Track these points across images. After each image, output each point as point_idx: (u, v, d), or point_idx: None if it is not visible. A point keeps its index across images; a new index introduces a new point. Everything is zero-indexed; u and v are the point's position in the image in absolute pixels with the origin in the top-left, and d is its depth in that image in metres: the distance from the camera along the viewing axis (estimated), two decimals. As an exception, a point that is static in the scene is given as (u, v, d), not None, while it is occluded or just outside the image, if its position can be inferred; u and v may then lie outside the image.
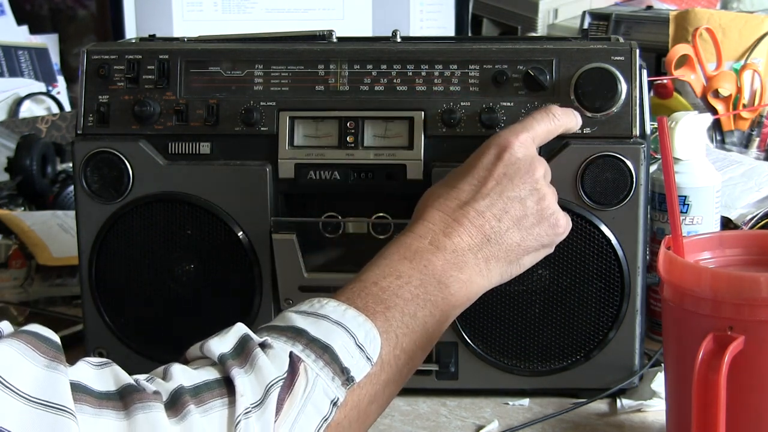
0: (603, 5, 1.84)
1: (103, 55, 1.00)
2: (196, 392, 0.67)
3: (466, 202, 0.85)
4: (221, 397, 0.67)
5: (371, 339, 0.75)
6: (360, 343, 0.74)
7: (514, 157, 0.86)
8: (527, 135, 0.88)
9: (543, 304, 0.97)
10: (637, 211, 0.95)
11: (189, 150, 0.99)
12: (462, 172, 0.87)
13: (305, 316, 0.75)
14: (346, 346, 0.73)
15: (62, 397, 0.60)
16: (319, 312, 0.75)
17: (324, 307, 0.76)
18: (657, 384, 0.97)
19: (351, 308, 0.76)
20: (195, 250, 1.00)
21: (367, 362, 0.74)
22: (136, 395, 0.64)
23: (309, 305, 0.77)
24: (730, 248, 0.86)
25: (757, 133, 1.42)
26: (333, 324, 0.74)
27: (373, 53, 0.98)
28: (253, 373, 0.69)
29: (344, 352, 0.73)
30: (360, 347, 0.74)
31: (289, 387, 0.69)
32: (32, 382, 0.60)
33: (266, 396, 0.68)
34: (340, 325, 0.74)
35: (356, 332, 0.74)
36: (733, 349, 0.74)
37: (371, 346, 0.75)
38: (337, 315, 0.75)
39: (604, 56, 0.95)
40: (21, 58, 2.19)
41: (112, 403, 0.63)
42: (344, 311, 0.76)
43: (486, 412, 0.97)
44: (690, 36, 1.44)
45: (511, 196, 0.85)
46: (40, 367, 0.61)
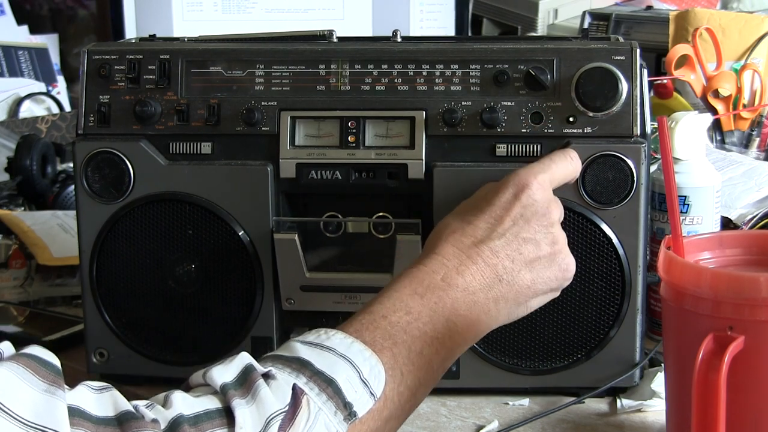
0: (603, 5, 1.84)
1: (104, 55, 1.00)
2: (196, 421, 0.66)
3: (481, 240, 0.84)
4: (221, 428, 0.67)
5: (376, 374, 0.74)
6: (365, 378, 0.74)
7: (531, 199, 0.86)
8: (545, 176, 0.87)
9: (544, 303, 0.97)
10: (638, 210, 0.95)
11: (190, 150, 0.99)
12: (478, 207, 0.86)
13: (311, 347, 0.75)
14: (351, 380, 0.73)
15: (59, 423, 0.60)
16: (325, 344, 0.75)
17: (330, 339, 0.75)
18: (657, 384, 0.97)
19: (357, 342, 0.75)
20: (196, 250, 1.00)
21: (371, 398, 0.74)
22: (134, 423, 0.64)
23: (316, 336, 0.76)
24: (730, 248, 0.86)
25: (757, 133, 1.42)
26: (338, 357, 0.74)
27: (374, 53, 0.99)
28: (255, 404, 0.68)
29: (348, 387, 0.72)
30: (364, 382, 0.73)
31: (290, 420, 0.69)
32: (30, 407, 0.60)
33: (266, 428, 0.67)
34: (346, 358, 0.74)
35: (361, 367, 0.74)
36: (733, 349, 0.74)
37: (376, 381, 0.74)
38: (343, 348, 0.75)
39: (604, 56, 0.96)
40: (21, 58, 2.19)
41: (110, 429, 0.63)
42: (350, 344, 0.75)
43: (486, 412, 0.97)
44: (690, 36, 1.44)
45: (526, 237, 0.85)
46: (38, 392, 0.61)
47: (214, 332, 1.01)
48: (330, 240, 1.01)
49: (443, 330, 0.80)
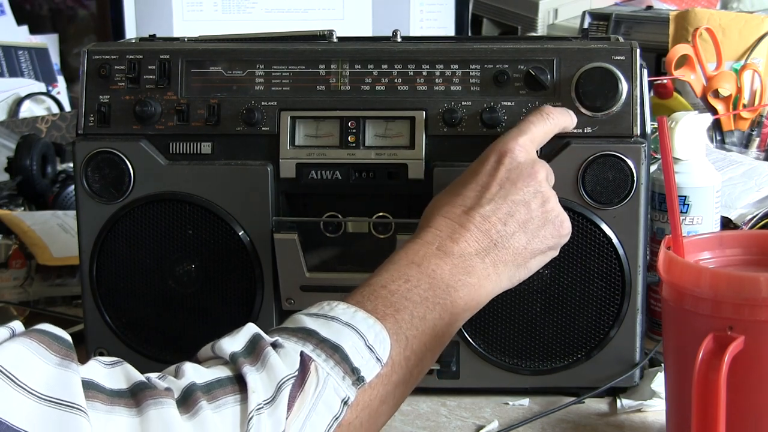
0: (603, 5, 1.84)
1: (104, 55, 1.00)
2: (208, 389, 0.67)
3: (471, 208, 0.85)
4: (233, 394, 0.67)
5: (381, 340, 0.75)
6: (370, 344, 0.74)
7: (515, 162, 0.86)
8: (526, 138, 0.88)
9: (544, 303, 0.97)
10: (638, 210, 0.95)
11: (190, 150, 0.99)
12: (465, 180, 0.87)
13: (315, 317, 0.76)
14: (356, 346, 0.74)
15: (74, 394, 0.60)
16: (329, 314, 0.76)
17: (334, 309, 0.76)
18: (657, 384, 0.97)
19: (361, 310, 0.76)
20: (196, 250, 1.00)
21: (378, 363, 0.74)
22: (148, 392, 0.64)
23: (319, 308, 0.77)
24: (730, 248, 0.86)
25: (757, 133, 1.42)
26: (343, 325, 0.75)
27: (374, 53, 0.99)
28: (265, 371, 0.69)
29: (354, 353, 0.73)
30: (370, 348, 0.74)
31: (300, 385, 0.70)
32: (44, 380, 0.60)
33: (278, 393, 0.68)
34: (350, 326, 0.75)
35: (366, 333, 0.75)
36: (733, 349, 0.74)
37: (381, 347, 0.75)
38: (347, 317, 0.76)
39: (605, 56, 0.96)
40: (21, 58, 2.19)
41: (124, 400, 0.63)
42: (354, 313, 0.76)
43: (486, 412, 0.97)
44: (690, 36, 1.44)
45: (515, 199, 0.85)
46: (51, 365, 0.61)
47: (214, 332, 1.00)
48: (330, 240, 1.01)
49: (444, 295, 0.81)
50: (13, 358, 0.59)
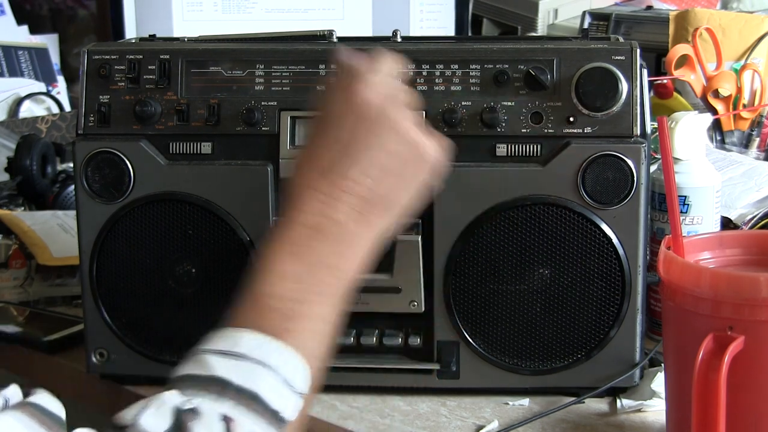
0: (603, 5, 1.84)
1: (104, 55, 1.00)
2: None
3: (331, 170, 0.79)
4: None
5: (298, 373, 0.73)
6: (288, 381, 0.72)
7: (362, 105, 0.80)
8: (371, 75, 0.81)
9: (544, 303, 0.97)
10: (638, 210, 0.95)
11: (190, 150, 0.99)
12: (316, 135, 0.82)
13: (223, 357, 0.72)
14: (273, 388, 0.71)
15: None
16: (237, 351, 0.72)
17: (239, 343, 0.72)
18: (657, 384, 0.97)
19: (269, 339, 0.73)
20: (196, 250, 1.00)
21: (298, 397, 0.72)
22: None
23: (224, 341, 0.73)
24: (730, 248, 0.87)
25: (757, 133, 1.42)
26: (255, 365, 0.71)
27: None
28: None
29: (273, 396, 0.70)
30: (288, 385, 0.72)
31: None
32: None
33: None
34: (263, 364, 0.71)
35: (282, 370, 0.72)
36: (733, 349, 0.74)
37: (300, 380, 0.73)
38: (257, 353, 0.72)
39: (604, 56, 0.96)
40: (21, 58, 2.19)
41: None
42: (262, 346, 0.72)
43: (486, 412, 0.97)
44: (690, 36, 1.44)
45: (370, 145, 0.79)
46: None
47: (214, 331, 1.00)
48: (330, 240, 1.01)
49: (330, 280, 0.77)
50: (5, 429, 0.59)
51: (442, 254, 0.97)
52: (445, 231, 0.97)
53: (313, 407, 0.77)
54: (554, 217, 0.96)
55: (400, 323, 1.01)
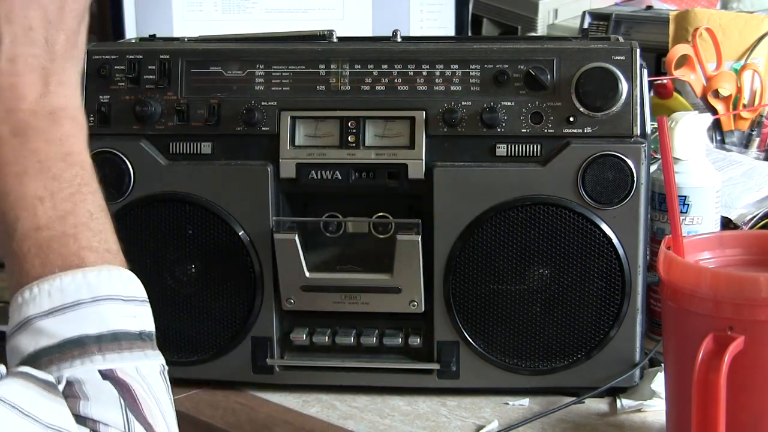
0: (603, 5, 1.83)
1: (104, 55, 1.00)
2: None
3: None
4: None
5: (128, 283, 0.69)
6: (130, 299, 0.69)
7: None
8: None
9: (544, 303, 0.97)
10: (638, 210, 0.95)
11: (190, 150, 0.99)
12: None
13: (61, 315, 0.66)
14: (123, 314, 0.68)
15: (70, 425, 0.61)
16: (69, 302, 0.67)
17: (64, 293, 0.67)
18: (657, 384, 0.97)
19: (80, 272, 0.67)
20: (196, 250, 1.00)
21: (145, 306, 0.70)
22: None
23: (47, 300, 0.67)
24: (730, 248, 0.87)
25: (757, 133, 1.42)
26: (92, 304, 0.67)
27: (374, 53, 0.99)
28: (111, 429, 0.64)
29: (128, 323, 0.67)
30: (132, 302, 0.69)
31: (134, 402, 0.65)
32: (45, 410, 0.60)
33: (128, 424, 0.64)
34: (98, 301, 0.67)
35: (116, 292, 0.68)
36: (733, 349, 0.74)
37: (136, 289, 0.70)
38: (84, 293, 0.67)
39: (604, 56, 0.96)
40: (21, 57, 2.19)
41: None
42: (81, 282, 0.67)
43: (486, 412, 0.97)
44: (690, 36, 1.44)
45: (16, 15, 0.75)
46: (47, 400, 0.61)
47: (214, 332, 1.01)
48: (330, 240, 1.01)
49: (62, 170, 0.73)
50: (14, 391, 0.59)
51: (442, 254, 0.97)
52: (445, 231, 0.97)
53: None
54: (554, 217, 0.96)
55: (400, 323, 1.01)
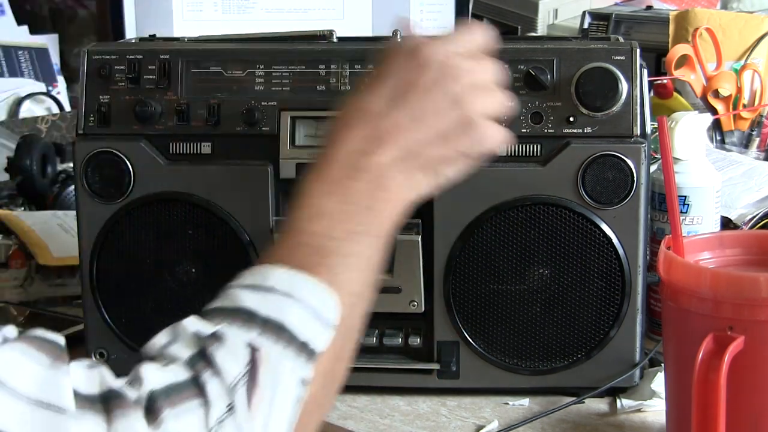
0: (603, 5, 1.83)
1: (104, 55, 1.00)
2: (167, 394, 0.65)
3: (378, 115, 0.78)
4: (191, 399, 0.65)
5: (328, 304, 0.71)
6: (316, 312, 0.70)
7: (423, 67, 0.79)
8: (440, 44, 0.80)
9: (544, 303, 0.97)
10: (638, 210, 0.95)
11: (190, 150, 0.99)
12: (373, 85, 0.80)
13: (252, 290, 0.71)
14: (302, 320, 0.69)
15: (62, 397, 0.60)
16: (266, 285, 0.71)
17: (269, 278, 0.71)
18: (657, 384, 0.97)
19: (298, 273, 0.71)
20: (196, 250, 1.00)
21: (327, 329, 0.70)
22: (118, 402, 0.63)
23: (252, 277, 0.72)
24: (730, 248, 0.87)
25: (757, 133, 1.42)
26: (282, 297, 0.70)
27: (374, 53, 0.98)
28: (219, 376, 0.66)
29: (302, 327, 0.69)
30: (317, 316, 0.70)
31: (254, 380, 0.66)
32: (33, 383, 0.60)
33: (233, 396, 0.66)
34: (291, 297, 0.70)
35: (310, 301, 0.70)
36: (733, 349, 0.74)
37: (330, 312, 0.71)
38: (285, 286, 0.71)
39: (604, 56, 0.96)
40: (21, 58, 2.19)
41: (95, 407, 0.62)
42: (292, 278, 0.71)
43: (486, 412, 0.97)
44: (690, 36, 1.44)
45: (425, 107, 0.78)
46: (43, 367, 0.61)
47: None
48: (330, 240, 1.00)
49: (366, 221, 0.75)
50: (4, 363, 0.59)
51: (442, 254, 0.97)
52: (445, 231, 0.97)
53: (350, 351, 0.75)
54: (554, 217, 0.96)
55: (400, 323, 1.01)
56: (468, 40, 0.81)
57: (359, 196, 0.76)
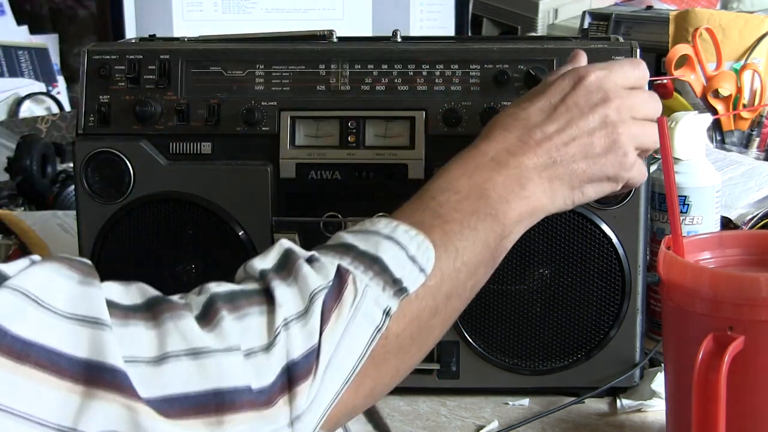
0: (603, 5, 1.84)
1: (104, 55, 1.00)
2: (231, 298, 0.65)
3: (534, 125, 0.82)
4: (259, 305, 0.65)
5: (424, 250, 0.73)
6: (412, 255, 0.72)
7: (586, 90, 0.84)
8: (604, 71, 0.85)
9: (544, 303, 0.97)
10: (638, 210, 0.95)
11: (190, 150, 0.99)
12: (533, 97, 0.85)
13: (355, 233, 0.74)
14: (397, 257, 0.71)
15: (97, 310, 0.60)
16: (370, 229, 0.74)
17: (374, 225, 0.74)
18: (657, 384, 0.97)
19: (402, 224, 0.74)
20: (196, 250, 1.00)
21: (421, 273, 0.72)
22: (165, 306, 0.63)
23: (360, 225, 0.75)
24: (730, 248, 0.87)
25: (757, 133, 1.42)
26: (383, 238, 0.72)
27: (374, 53, 0.99)
28: (296, 284, 0.67)
29: (395, 264, 0.71)
30: (412, 259, 0.72)
31: (336, 297, 0.67)
32: (67, 299, 0.59)
33: (310, 305, 0.66)
34: (390, 238, 0.72)
35: (407, 245, 0.72)
36: (733, 349, 0.74)
37: (424, 257, 0.72)
38: (387, 230, 0.73)
39: (604, 56, 0.96)
40: (21, 58, 2.19)
41: (140, 314, 0.62)
42: (395, 227, 0.74)
43: (486, 412, 0.97)
44: (690, 36, 1.44)
45: (580, 125, 0.83)
46: (73, 283, 0.60)
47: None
48: (330, 240, 1.01)
49: (496, 206, 0.78)
50: (36, 281, 0.59)
51: (442, 254, 0.97)
52: (445, 231, 0.97)
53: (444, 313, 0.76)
54: (554, 217, 0.95)
55: (400, 323, 1.00)
56: (630, 73, 0.86)
57: (496, 185, 0.79)
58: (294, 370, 0.64)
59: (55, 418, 0.57)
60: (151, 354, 0.60)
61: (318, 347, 0.66)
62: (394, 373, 0.73)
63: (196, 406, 0.60)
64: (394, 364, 0.72)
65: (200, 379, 0.61)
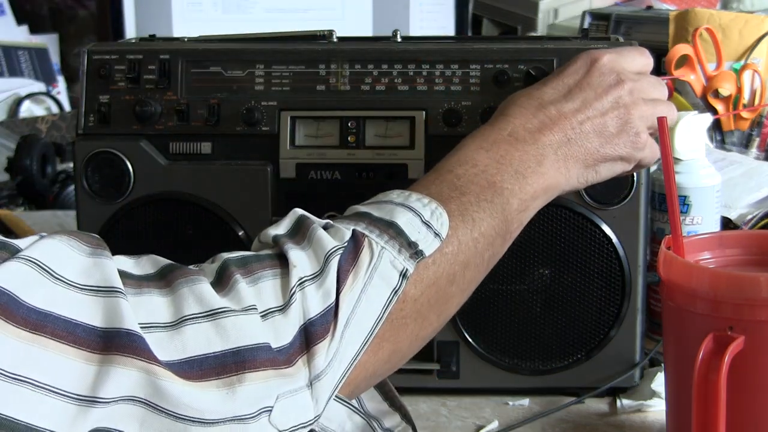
0: (603, 5, 1.84)
1: (104, 55, 1.00)
2: (244, 263, 0.66)
3: (550, 102, 0.84)
4: (272, 268, 0.66)
5: (438, 216, 0.73)
6: (426, 221, 0.73)
7: (600, 72, 0.86)
8: (616, 56, 0.87)
9: (544, 303, 0.97)
10: (638, 210, 0.95)
11: (190, 150, 0.99)
12: (548, 79, 0.87)
13: (368, 204, 0.75)
14: (412, 222, 0.72)
15: (110, 279, 0.60)
16: (383, 199, 0.75)
17: (388, 195, 0.75)
18: (657, 384, 0.97)
19: (415, 193, 0.75)
20: (196, 250, 0.99)
21: (436, 238, 0.73)
22: (179, 272, 0.63)
23: (374, 198, 0.76)
24: (730, 248, 0.87)
25: (757, 133, 1.42)
26: (396, 205, 0.73)
27: (374, 53, 0.99)
28: (311, 247, 0.68)
29: (410, 228, 0.72)
30: (426, 224, 0.73)
31: (353, 259, 0.68)
32: (79, 270, 0.60)
33: (326, 265, 0.66)
34: (404, 206, 0.73)
35: (421, 211, 0.73)
36: (733, 349, 0.74)
37: (438, 222, 0.73)
38: (400, 199, 0.74)
39: (604, 56, 0.95)
40: (21, 58, 2.20)
41: (154, 282, 0.63)
42: (408, 195, 0.75)
43: (486, 412, 0.97)
44: (690, 36, 1.44)
45: (595, 105, 0.84)
46: (84, 256, 0.61)
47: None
48: (330, 240, 1.00)
49: (512, 180, 0.79)
50: (48, 252, 0.59)
51: (442, 254, 0.97)
52: (445, 231, 0.97)
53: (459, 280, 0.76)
54: (554, 217, 0.96)
55: (400, 323, 1.00)
56: (638, 59, 0.89)
57: (513, 160, 0.80)
58: (311, 329, 0.65)
59: (73, 387, 0.57)
60: (167, 319, 0.61)
61: (335, 306, 0.66)
62: (412, 339, 0.73)
63: (215, 367, 0.61)
64: (413, 330, 0.73)
65: (219, 339, 0.61)
